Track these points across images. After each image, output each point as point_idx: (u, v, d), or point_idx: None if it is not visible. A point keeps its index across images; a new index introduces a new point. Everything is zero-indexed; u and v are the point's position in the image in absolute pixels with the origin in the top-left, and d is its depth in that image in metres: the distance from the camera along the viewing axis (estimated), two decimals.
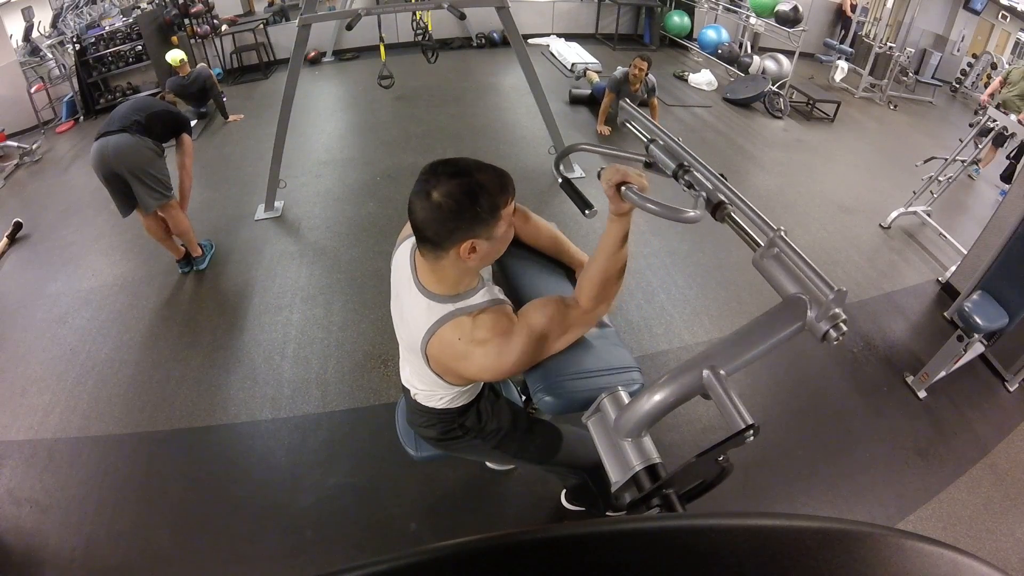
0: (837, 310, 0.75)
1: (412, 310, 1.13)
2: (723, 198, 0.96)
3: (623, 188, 1.01)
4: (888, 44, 6.71)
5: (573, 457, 1.49)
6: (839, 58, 7.06)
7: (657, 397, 0.87)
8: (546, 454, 1.48)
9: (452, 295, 1.09)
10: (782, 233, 0.83)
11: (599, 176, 1.05)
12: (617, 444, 0.98)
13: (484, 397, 1.38)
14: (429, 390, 1.28)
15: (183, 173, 3.12)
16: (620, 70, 4.93)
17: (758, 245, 0.88)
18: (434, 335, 1.07)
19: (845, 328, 0.75)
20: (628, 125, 1.20)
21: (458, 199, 0.96)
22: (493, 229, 1.01)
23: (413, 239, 1.15)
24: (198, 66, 5.48)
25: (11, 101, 5.66)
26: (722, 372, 0.79)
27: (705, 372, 0.78)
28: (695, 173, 0.99)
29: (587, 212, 1.29)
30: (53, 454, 2.25)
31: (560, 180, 1.38)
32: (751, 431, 0.74)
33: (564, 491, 1.94)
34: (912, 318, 3.10)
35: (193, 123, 5.34)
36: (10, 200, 4.47)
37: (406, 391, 1.38)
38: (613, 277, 1.09)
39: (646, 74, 4.73)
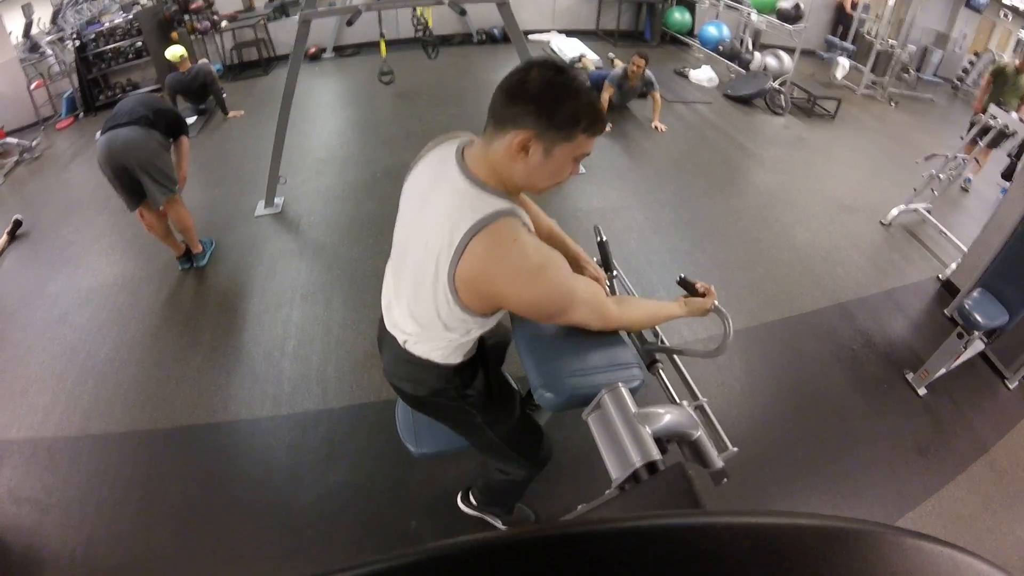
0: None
1: (451, 206, 0.98)
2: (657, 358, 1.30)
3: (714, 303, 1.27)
4: (890, 41, 6.69)
5: (540, 455, 1.48)
6: (840, 55, 7.04)
7: (669, 417, 1.02)
8: (529, 449, 1.44)
9: (507, 194, 0.99)
10: (704, 404, 1.15)
11: (682, 282, 1.32)
12: (619, 440, 0.98)
13: (488, 365, 1.29)
14: (424, 332, 1.12)
15: (178, 175, 3.08)
16: (620, 66, 5.09)
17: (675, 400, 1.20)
18: (490, 226, 0.93)
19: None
20: None
21: (550, 87, 0.91)
22: (558, 143, 0.94)
23: (444, 144, 1.08)
24: (200, 62, 5.46)
25: (11, 98, 5.65)
26: (700, 434, 1.05)
27: (699, 433, 1.05)
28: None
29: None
30: (53, 453, 2.25)
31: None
32: (724, 478, 1.03)
33: (472, 490, 1.87)
34: (912, 315, 3.09)
35: (192, 120, 5.34)
36: (10, 197, 4.46)
37: (390, 340, 1.22)
38: (650, 322, 1.25)
39: (643, 70, 4.91)
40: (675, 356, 1.29)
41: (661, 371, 1.28)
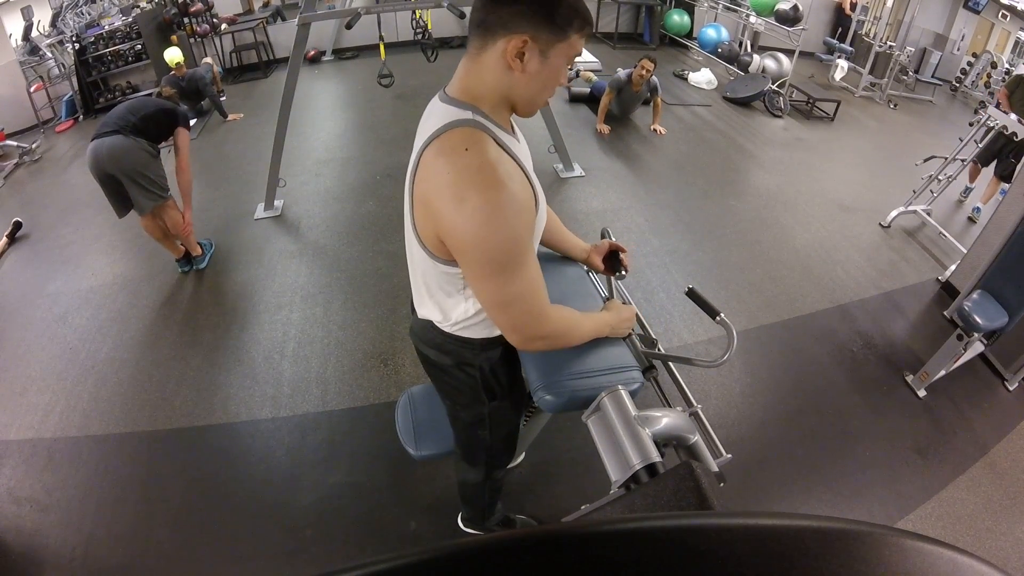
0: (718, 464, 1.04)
1: (422, 134, 0.90)
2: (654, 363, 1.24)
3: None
4: (888, 43, 6.71)
5: (503, 469, 1.50)
6: (839, 57, 7.05)
7: (667, 420, 1.01)
8: (501, 459, 1.45)
9: (479, 108, 0.87)
10: (699, 410, 1.10)
11: (691, 293, 1.33)
12: (618, 442, 0.98)
13: (511, 354, 1.19)
14: (434, 303, 1.06)
15: (177, 171, 3.00)
16: (623, 71, 5.02)
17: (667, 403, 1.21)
18: (443, 135, 0.83)
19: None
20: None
21: None
22: (555, 43, 0.84)
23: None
24: (202, 62, 5.46)
25: (11, 100, 5.66)
26: (697, 439, 1.05)
27: (696, 437, 1.04)
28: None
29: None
30: (53, 453, 2.25)
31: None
32: (721, 482, 1.00)
33: (461, 512, 1.90)
34: (912, 317, 3.10)
35: (193, 122, 5.34)
36: (10, 199, 4.47)
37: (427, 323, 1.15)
38: (573, 342, 1.10)
39: (651, 75, 4.86)
40: (670, 363, 1.27)
41: (656, 376, 1.26)
